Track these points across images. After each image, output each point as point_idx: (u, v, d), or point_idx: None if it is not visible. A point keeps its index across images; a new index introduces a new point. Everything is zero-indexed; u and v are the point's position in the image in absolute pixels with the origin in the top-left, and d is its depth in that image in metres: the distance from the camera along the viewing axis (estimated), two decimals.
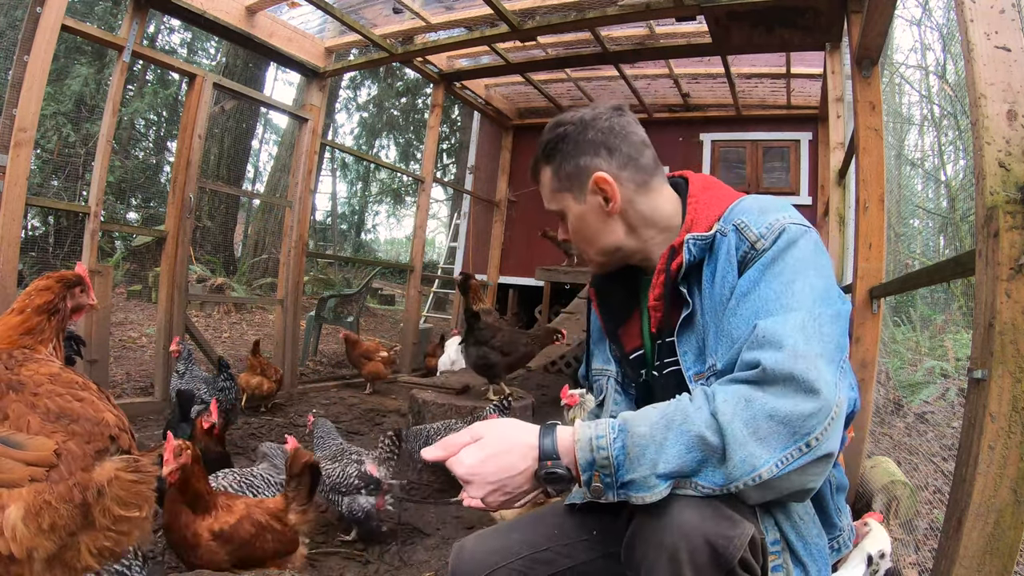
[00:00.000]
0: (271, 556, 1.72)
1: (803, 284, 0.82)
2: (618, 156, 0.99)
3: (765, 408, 0.74)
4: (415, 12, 4.16)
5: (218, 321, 7.51)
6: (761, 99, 5.79)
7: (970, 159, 5.44)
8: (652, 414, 0.80)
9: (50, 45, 2.92)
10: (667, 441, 0.77)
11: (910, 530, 2.08)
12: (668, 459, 0.76)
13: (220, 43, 12.32)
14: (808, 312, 0.80)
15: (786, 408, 0.74)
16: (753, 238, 0.88)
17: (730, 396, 0.77)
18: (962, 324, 5.08)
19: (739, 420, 0.74)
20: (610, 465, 0.78)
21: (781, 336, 0.78)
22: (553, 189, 1.04)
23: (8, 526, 0.90)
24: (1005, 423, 1.00)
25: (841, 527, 0.96)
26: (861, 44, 2.45)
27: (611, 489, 0.78)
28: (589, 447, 0.79)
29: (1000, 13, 1.08)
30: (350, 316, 5.97)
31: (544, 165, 1.04)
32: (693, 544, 0.73)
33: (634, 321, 1.09)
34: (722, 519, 0.74)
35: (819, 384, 0.74)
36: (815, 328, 0.79)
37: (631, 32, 4.47)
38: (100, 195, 3.39)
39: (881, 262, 2.42)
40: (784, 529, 0.84)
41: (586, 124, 1.00)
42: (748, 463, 0.73)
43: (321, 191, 19.14)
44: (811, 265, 0.85)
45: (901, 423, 3.74)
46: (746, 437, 0.74)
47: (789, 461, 0.74)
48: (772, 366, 0.76)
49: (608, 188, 0.98)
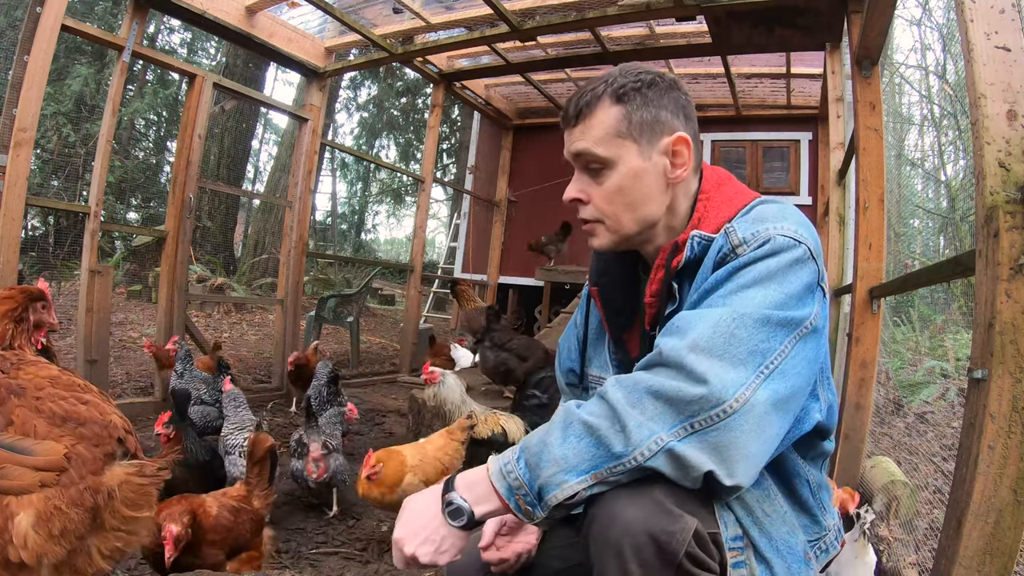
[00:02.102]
0: (251, 537, 1.78)
1: (756, 291, 0.80)
2: (691, 128, 0.94)
3: (648, 386, 0.77)
4: (415, 12, 4.15)
5: (218, 321, 7.51)
6: (761, 99, 5.78)
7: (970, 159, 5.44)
8: (542, 426, 0.83)
9: (50, 45, 2.92)
10: (552, 437, 0.79)
11: (910, 530, 2.08)
12: (565, 453, 0.77)
13: (220, 43, 12.32)
14: (732, 311, 0.79)
15: (669, 386, 0.75)
16: (736, 242, 0.85)
17: (621, 379, 0.80)
18: (962, 324, 5.08)
19: (625, 400, 0.77)
20: (522, 484, 0.79)
21: (691, 326, 0.79)
22: (615, 133, 0.90)
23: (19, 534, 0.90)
24: (1005, 423, 1.01)
25: (827, 527, 0.95)
26: (861, 44, 2.45)
27: (535, 506, 0.78)
28: (501, 475, 0.81)
29: (1000, 13, 1.08)
30: (350, 316, 5.97)
31: (611, 103, 0.91)
32: (636, 540, 0.73)
33: (636, 326, 1.05)
34: (663, 513, 0.74)
35: (708, 376, 0.74)
36: (727, 328, 0.77)
37: (631, 32, 4.47)
38: (100, 195, 3.39)
39: (881, 262, 2.42)
40: (745, 525, 0.83)
41: (674, 83, 0.93)
42: (641, 431, 0.75)
43: (321, 191, 19.17)
44: (775, 277, 0.81)
45: (901, 423, 3.74)
46: (634, 413, 0.75)
47: (681, 437, 0.74)
48: (667, 351, 0.78)
49: (686, 151, 0.92)
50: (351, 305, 6.09)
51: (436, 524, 0.84)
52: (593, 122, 0.91)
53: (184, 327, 3.86)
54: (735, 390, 0.75)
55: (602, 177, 0.93)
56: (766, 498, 0.87)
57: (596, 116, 0.91)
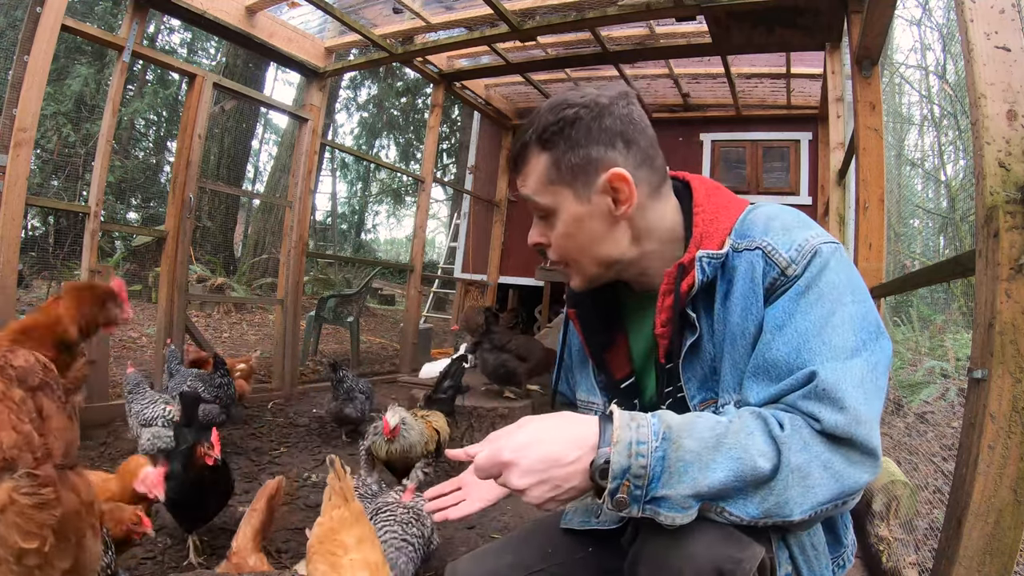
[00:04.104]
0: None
1: (842, 315, 0.76)
2: (635, 152, 0.85)
3: (822, 457, 0.70)
4: (415, 12, 4.15)
5: (218, 321, 7.51)
6: (761, 99, 5.78)
7: (970, 159, 5.44)
8: (700, 426, 0.71)
9: (50, 45, 2.92)
10: (715, 463, 0.68)
11: (910, 530, 2.08)
12: (712, 483, 0.68)
13: (220, 43, 12.32)
14: (865, 362, 0.74)
15: (841, 464, 0.70)
16: (783, 263, 0.78)
17: (792, 431, 0.70)
18: (962, 324, 5.08)
19: (794, 461, 0.69)
20: (645, 476, 0.68)
21: (842, 394, 0.71)
22: (547, 181, 0.86)
23: None
24: (1005, 423, 1.00)
25: (846, 543, 0.93)
26: (861, 44, 2.46)
27: (638, 503, 0.69)
28: (628, 452, 0.69)
29: (1000, 13, 1.08)
30: (350, 316, 5.97)
31: (538, 151, 0.86)
32: (700, 569, 0.68)
33: (619, 346, 0.99)
34: (732, 541, 0.70)
35: (875, 446, 0.71)
36: (873, 383, 0.73)
37: (631, 32, 4.47)
38: (100, 195, 3.39)
39: (881, 262, 2.42)
40: (798, 563, 0.80)
41: (602, 109, 0.84)
42: (787, 507, 0.69)
43: (321, 191, 19.17)
44: (847, 290, 0.77)
45: (901, 423, 3.74)
46: (796, 480, 0.69)
47: (823, 512, 0.71)
48: (832, 428, 0.70)
49: (626, 187, 0.84)
50: (351, 305, 6.09)
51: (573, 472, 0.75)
52: (528, 170, 0.88)
53: (184, 327, 3.86)
54: (880, 448, 0.73)
55: (550, 223, 0.90)
56: (815, 532, 0.85)
57: (529, 164, 0.88)
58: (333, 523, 1.16)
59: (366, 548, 1.15)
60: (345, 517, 1.16)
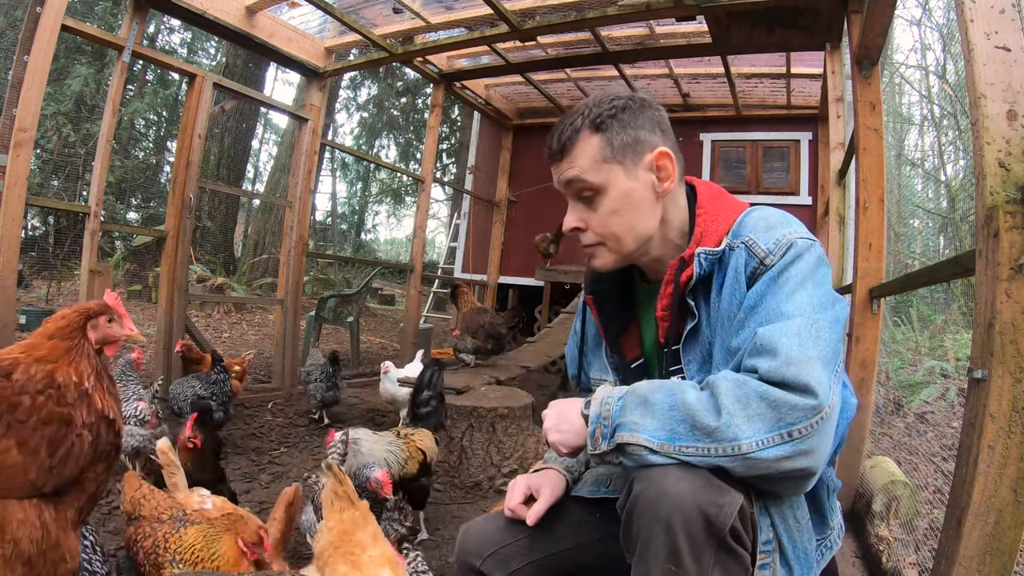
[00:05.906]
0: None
1: (803, 294, 0.86)
2: (669, 141, 1.00)
3: (759, 389, 0.79)
4: (415, 12, 4.15)
5: (218, 321, 7.51)
6: (761, 99, 5.78)
7: (970, 159, 5.44)
8: (655, 383, 0.88)
9: (50, 45, 2.92)
10: (656, 396, 0.84)
11: (910, 530, 2.08)
12: (655, 412, 0.83)
13: (220, 43, 12.33)
14: (806, 318, 0.83)
15: (778, 393, 0.78)
16: (762, 254, 0.89)
17: (728, 375, 0.83)
18: (962, 324, 5.08)
19: (731, 395, 0.79)
20: (610, 416, 0.86)
21: (776, 342, 0.81)
22: (601, 159, 0.96)
23: None
24: (1005, 423, 1.01)
25: (832, 526, 0.99)
26: (861, 44, 2.46)
27: (606, 439, 0.85)
28: (600, 403, 0.88)
29: (1000, 13, 1.08)
30: (350, 316, 5.97)
31: (590, 133, 0.96)
32: (687, 513, 0.76)
33: (633, 331, 1.10)
34: (712, 488, 0.77)
35: (812, 384, 0.77)
36: (811, 332, 0.82)
37: (631, 32, 4.47)
38: (100, 195, 3.39)
39: (881, 262, 2.42)
40: (779, 531, 0.86)
41: (645, 103, 0.99)
42: (731, 431, 0.78)
43: (321, 191, 19.19)
44: (810, 277, 0.88)
45: (901, 423, 3.74)
46: (735, 409, 0.78)
47: (769, 444, 0.77)
48: (766, 372, 0.80)
49: (669, 164, 0.97)
50: (351, 305, 6.09)
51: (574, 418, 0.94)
52: (577, 152, 0.97)
53: (184, 327, 3.85)
54: (828, 393, 0.78)
55: (596, 203, 0.99)
56: (799, 505, 0.90)
57: (579, 147, 0.97)
58: (345, 525, 1.17)
59: (381, 544, 1.18)
60: (356, 517, 1.18)
